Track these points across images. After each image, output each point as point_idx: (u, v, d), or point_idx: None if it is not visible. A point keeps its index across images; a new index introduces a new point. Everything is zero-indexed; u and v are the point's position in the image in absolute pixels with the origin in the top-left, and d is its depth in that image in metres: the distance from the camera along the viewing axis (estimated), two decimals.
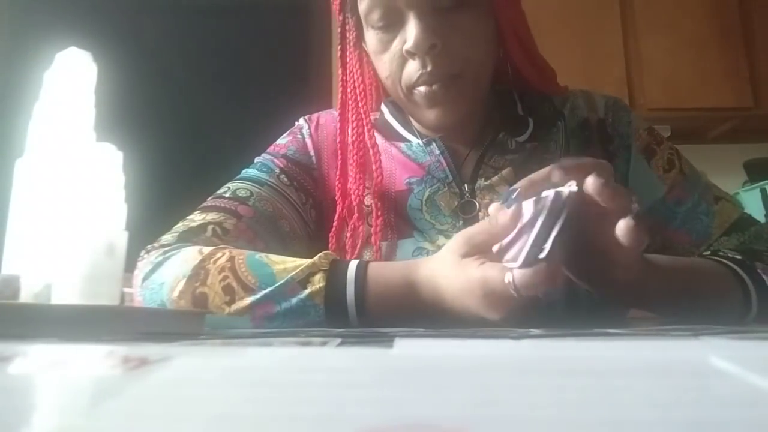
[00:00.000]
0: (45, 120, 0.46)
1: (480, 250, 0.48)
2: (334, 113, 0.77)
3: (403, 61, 0.63)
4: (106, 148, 0.47)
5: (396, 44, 0.63)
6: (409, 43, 0.60)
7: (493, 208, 0.48)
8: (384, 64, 0.65)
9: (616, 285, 0.50)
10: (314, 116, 0.78)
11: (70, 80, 0.47)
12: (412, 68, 0.62)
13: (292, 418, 0.14)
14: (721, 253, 0.62)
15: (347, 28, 0.69)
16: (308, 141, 0.75)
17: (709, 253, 0.64)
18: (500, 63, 0.70)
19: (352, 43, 0.69)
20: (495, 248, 0.45)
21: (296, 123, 0.78)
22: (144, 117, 1.98)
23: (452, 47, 0.61)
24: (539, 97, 0.73)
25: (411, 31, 0.60)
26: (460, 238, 0.49)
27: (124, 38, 2.04)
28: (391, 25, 0.63)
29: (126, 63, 1.82)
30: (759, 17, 2.12)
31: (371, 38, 0.65)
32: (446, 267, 0.49)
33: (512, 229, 0.44)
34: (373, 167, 0.68)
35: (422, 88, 0.63)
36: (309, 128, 0.76)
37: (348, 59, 0.69)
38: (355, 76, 0.69)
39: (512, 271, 0.43)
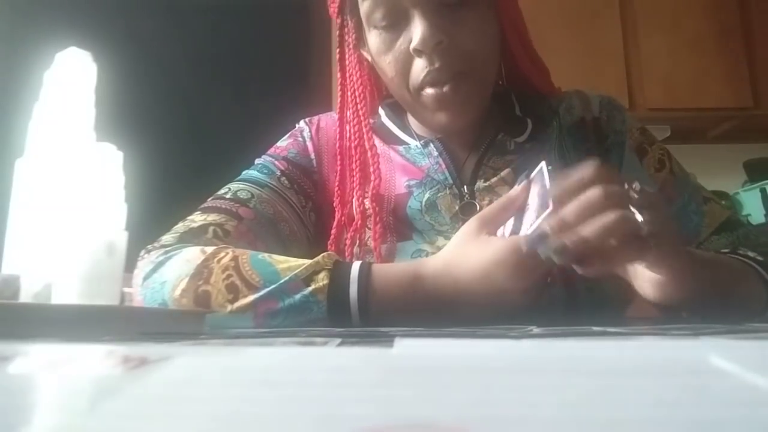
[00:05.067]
0: (45, 120, 0.46)
1: (497, 225, 0.54)
2: (334, 116, 0.77)
3: (409, 60, 0.63)
4: (106, 148, 0.47)
5: (401, 43, 0.63)
6: (416, 41, 0.60)
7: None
8: (389, 65, 0.64)
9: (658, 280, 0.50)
10: (315, 119, 0.78)
11: (70, 80, 0.47)
12: (419, 67, 0.62)
13: (292, 418, 0.14)
14: (740, 251, 0.62)
15: (346, 30, 0.68)
16: (309, 144, 0.75)
17: (728, 250, 0.64)
18: (499, 64, 0.70)
19: (351, 46, 0.68)
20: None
21: (297, 125, 0.78)
22: (144, 117, 1.98)
23: (458, 43, 0.61)
24: (536, 97, 0.73)
25: (417, 28, 0.60)
26: (476, 221, 0.54)
27: (124, 38, 2.04)
28: (395, 24, 0.62)
29: (126, 63, 1.82)
30: (759, 17, 2.11)
31: (374, 39, 0.64)
32: (468, 247, 0.52)
33: (524, 199, 0.53)
34: (371, 170, 0.67)
35: (431, 90, 0.62)
36: (310, 131, 0.76)
37: (347, 62, 0.69)
38: (354, 79, 0.68)
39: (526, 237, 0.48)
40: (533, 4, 2.03)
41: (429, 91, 0.63)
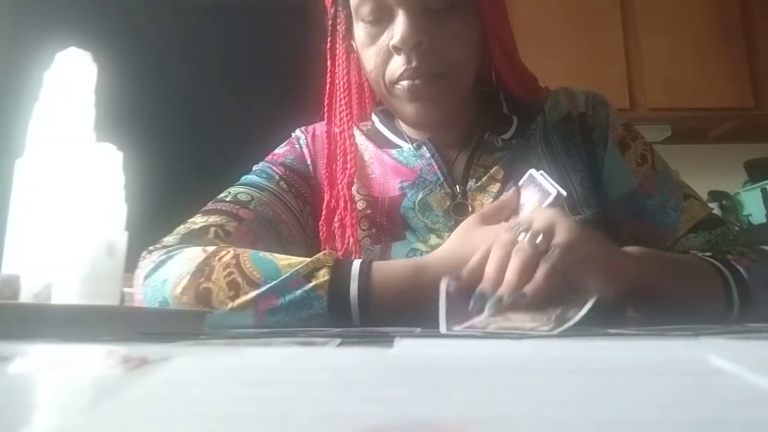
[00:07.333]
0: (45, 120, 0.46)
1: (495, 222, 0.57)
2: None
3: (388, 56, 0.65)
4: (106, 148, 0.47)
5: (383, 39, 0.65)
6: (396, 39, 0.62)
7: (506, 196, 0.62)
8: (370, 58, 0.66)
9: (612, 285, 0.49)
10: (310, 127, 0.80)
11: (70, 80, 0.47)
12: (397, 63, 0.64)
13: (292, 418, 0.14)
14: (697, 254, 0.62)
15: (338, 21, 0.71)
16: (305, 150, 0.77)
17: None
18: (485, 67, 0.72)
19: (341, 36, 0.71)
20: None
21: (293, 134, 0.80)
22: (144, 117, 1.98)
23: (438, 46, 0.63)
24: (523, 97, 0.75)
25: (399, 27, 0.62)
26: (477, 216, 0.58)
27: (124, 38, 2.04)
28: (381, 19, 0.64)
29: (126, 63, 1.82)
30: (760, 17, 2.11)
31: (360, 31, 0.67)
32: (471, 236, 0.55)
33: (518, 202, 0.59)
34: (348, 157, 0.69)
35: (404, 83, 0.64)
36: (306, 138, 0.78)
37: (337, 52, 0.72)
38: (340, 68, 0.71)
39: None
40: (534, 5, 2.04)
41: (403, 83, 0.65)
